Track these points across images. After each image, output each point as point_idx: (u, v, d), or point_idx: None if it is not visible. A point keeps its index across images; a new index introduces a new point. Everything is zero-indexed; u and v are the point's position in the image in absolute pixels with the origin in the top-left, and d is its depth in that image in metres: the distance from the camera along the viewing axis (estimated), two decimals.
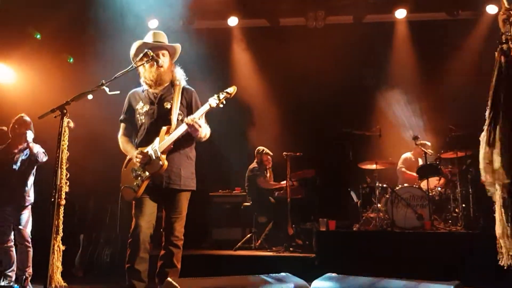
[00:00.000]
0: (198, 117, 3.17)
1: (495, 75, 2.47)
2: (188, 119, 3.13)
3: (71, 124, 3.32)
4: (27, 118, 4.73)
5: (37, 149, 4.67)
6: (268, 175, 6.79)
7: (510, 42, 2.46)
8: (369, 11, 7.36)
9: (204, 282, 2.26)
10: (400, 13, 7.15)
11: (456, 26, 7.16)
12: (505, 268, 2.52)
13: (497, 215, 2.48)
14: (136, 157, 3.18)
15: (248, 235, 6.37)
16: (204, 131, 3.29)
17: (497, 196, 2.48)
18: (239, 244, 6.17)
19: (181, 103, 3.36)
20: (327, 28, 7.36)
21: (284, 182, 6.56)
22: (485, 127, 2.50)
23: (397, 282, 2.38)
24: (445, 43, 7.23)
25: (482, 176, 2.54)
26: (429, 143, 6.56)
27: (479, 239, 4.84)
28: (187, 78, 3.53)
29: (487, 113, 2.51)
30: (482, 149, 2.51)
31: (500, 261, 2.47)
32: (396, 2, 7.11)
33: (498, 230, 2.48)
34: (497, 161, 2.43)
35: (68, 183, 4.56)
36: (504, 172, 2.41)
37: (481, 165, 2.53)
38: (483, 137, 2.51)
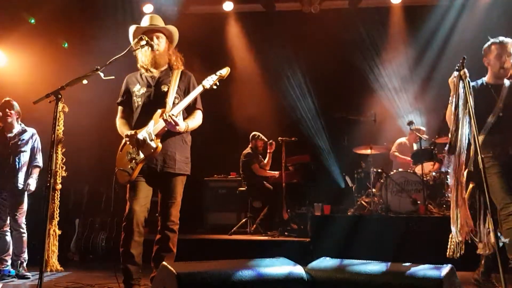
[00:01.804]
0: (176, 114, 3.14)
1: (456, 98, 3.00)
2: (165, 115, 3.10)
3: (66, 109, 3.32)
4: (14, 102, 4.72)
5: (32, 132, 4.66)
6: (266, 161, 6.80)
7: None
8: None
9: (199, 266, 2.28)
10: None
11: (451, 10, 7.14)
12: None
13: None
14: (127, 137, 3.18)
15: (243, 220, 6.42)
16: (184, 127, 3.22)
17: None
18: (234, 228, 6.21)
19: (178, 86, 3.34)
20: (323, 13, 7.31)
21: (278, 172, 6.60)
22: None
23: (390, 265, 2.41)
24: (439, 28, 7.21)
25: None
26: (424, 128, 6.59)
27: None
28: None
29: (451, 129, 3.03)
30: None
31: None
32: None
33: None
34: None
35: (64, 168, 4.58)
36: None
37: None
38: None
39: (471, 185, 3.27)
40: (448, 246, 3.12)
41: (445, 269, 2.14)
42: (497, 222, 3.21)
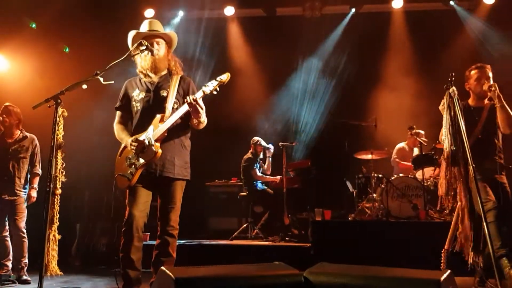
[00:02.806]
0: (200, 97, 3.16)
1: (448, 113, 3.29)
2: (190, 98, 3.11)
3: (66, 113, 3.33)
4: (15, 108, 4.73)
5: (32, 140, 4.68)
6: (266, 166, 6.80)
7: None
8: (366, 1, 7.35)
9: (198, 271, 2.27)
10: (397, 3, 7.14)
11: (453, 15, 7.16)
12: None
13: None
14: (131, 144, 3.17)
15: (244, 225, 6.41)
16: (204, 116, 3.27)
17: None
18: (235, 233, 6.20)
19: (177, 92, 3.35)
20: (324, 18, 7.34)
21: (279, 177, 6.60)
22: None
23: (389, 270, 2.40)
24: (442, 33, 7.23)
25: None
26: (422, 132, 6.58)
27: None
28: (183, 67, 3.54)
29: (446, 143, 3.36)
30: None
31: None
32: None
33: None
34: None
35: (64, 173, 4.58)
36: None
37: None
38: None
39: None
40: (442, 261, 3.27)
41: (444, 274, 2.13)
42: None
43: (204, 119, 3.30)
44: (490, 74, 3.78)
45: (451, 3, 7.15)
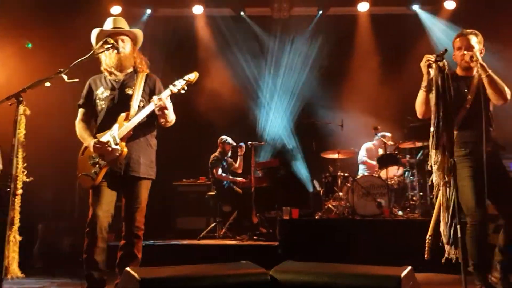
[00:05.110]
0: (166, 97, 3.14)
1: (435, 90, 2.85)
2: (155, 98, 3.09)
3: (28, 112, 3.24)
4: None
5: None
6: (237, 164, 6.80)
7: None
8: (333, 4, 7.46)
9: (163, 271, 2.26)
10: (363, 6, 7.29)
11: (416, 20, 7.36)
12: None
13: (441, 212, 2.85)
14: (94, 147, 3.12)
15: (212, 225, 6.40)
16: (172, 114, 3.26)
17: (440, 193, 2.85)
18: (203, 233, 6.18)
19: (143, 90, 3.31)
20: (292, 19, 7.41)
21: (239, 178, 6.61)
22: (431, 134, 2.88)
23: (353, 267, 2.46)
24: (406, 36, 7.42)
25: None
26: (389, 134, 6.75)
27: (435, 226, 5.04)
28: (149, 65, 3.50)
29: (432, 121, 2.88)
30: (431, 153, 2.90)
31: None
32: None
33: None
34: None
35: (25, 172, 4.46)
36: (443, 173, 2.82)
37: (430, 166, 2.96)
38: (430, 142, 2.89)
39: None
40: (426, 248, 3.09)
41: (404, 270, 2.20)
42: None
43: (172, 118, 3.28)
44: (474, 41, 3.34)
45: (414, 7, 7.35)
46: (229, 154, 6.78)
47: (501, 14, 6.33)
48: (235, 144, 6.71)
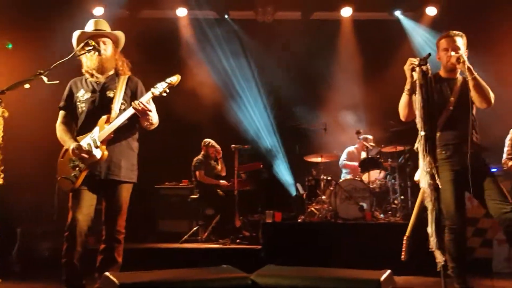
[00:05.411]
0: (146, 101, 3.12)
1: (420, 93, 2.75)
2: (135, 103, 3.07)
3: (6, 114, 3.18)
4: None
5: None
6: (219, 167, 6.79)
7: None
8: (316, 9, 7.52)
9: (143, 276, 2.24)
10: (346, 11, 7.36)
11: (398, 25, 7.47)
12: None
13: (429, 216, 2.71)
14: (73, 152, 3.08)
15: (195, 228, 6.36)
16: (155, 117, 3.24)
17: (428, 200, 2.72)
18: (185, 237, 6.14)
19: (125, 92, 3.28)
20: (276, 23, 7.44)
21: (224, 181, 6.60)
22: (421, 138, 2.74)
23: (334, 271, 2.48)
24: (388, 41, 7.53)
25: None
26: (370, 136, 6.82)
27: (416, 230, 5.10)
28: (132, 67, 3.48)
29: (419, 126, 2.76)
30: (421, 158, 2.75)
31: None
32: (342, 0, 7.31)
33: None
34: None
35: (2, 176, 4.38)
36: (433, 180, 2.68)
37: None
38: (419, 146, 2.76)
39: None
40: (403, 249, 3.09)
41: (384, 274, 2.22)
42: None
43: (156, 120, 3.27)
44: (460, 43, 3.34)
45: (396, 13, 7.46)
46: (218, 157, 6.76)
47: (480, 21, 6.45)
48: (218, 147, 6.70)
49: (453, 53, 3.31)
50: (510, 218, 3.12)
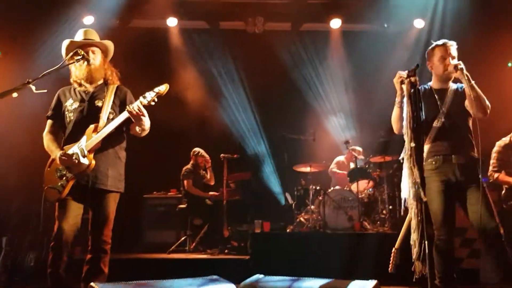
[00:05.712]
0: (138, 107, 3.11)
1: (409, 104, 2.73)
2: (130, 107, 3.06)
3: None
4: None
5: None
6: (208, 176, 6.77)
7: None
8: (306, 20, 7.59)
9: (129, 287, 2.23)
10: (335, 23, 7.44)
11: (387, 37, 7.56)
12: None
13: (412, 225, 2.71)
14: (60, 159, 3.06)
15: (183, 238, 6.31)
16: (148, 122, 3.22)
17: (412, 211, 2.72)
18: (173, 247, 6.09)
19: (113, 102, 3.28)
20: (266, 34, 7.50)
21: (213, 193, 6.58)
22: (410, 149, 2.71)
23: (317, 281, 2.48)
24: (376, 53, 7.60)
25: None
26: (359, 148, 6.87)
27: (405, 240, 5.12)
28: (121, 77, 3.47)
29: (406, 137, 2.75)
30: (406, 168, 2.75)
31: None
32: (331, 12, 7.38)
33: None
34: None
35: None
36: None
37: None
38: (406, 158, 2.75)
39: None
40: (391, 261, 3.10)
41: (371, 284, 2.24)
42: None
43: (148, 126, 3.25)
44: (455, 52, 3.32)
45: (385, 25, 7.56)
46: (207, 166, 6.74)
47: (468, 32, 6.55)
48: (207, 156, 6.69)
49: (454, 61, 3.25)
50: (493, 235, 3.12)
